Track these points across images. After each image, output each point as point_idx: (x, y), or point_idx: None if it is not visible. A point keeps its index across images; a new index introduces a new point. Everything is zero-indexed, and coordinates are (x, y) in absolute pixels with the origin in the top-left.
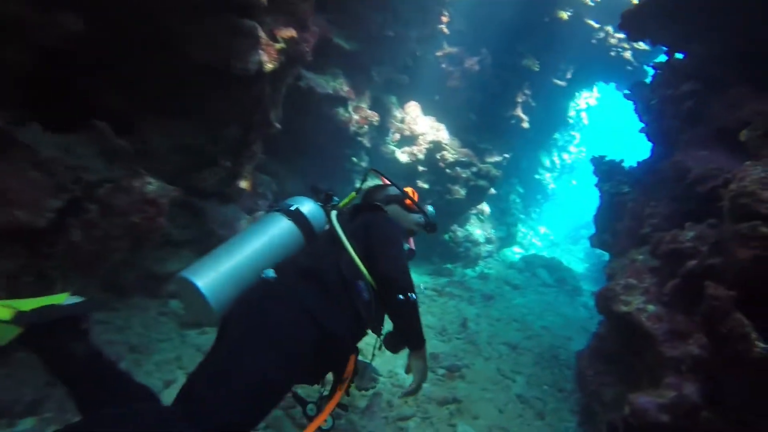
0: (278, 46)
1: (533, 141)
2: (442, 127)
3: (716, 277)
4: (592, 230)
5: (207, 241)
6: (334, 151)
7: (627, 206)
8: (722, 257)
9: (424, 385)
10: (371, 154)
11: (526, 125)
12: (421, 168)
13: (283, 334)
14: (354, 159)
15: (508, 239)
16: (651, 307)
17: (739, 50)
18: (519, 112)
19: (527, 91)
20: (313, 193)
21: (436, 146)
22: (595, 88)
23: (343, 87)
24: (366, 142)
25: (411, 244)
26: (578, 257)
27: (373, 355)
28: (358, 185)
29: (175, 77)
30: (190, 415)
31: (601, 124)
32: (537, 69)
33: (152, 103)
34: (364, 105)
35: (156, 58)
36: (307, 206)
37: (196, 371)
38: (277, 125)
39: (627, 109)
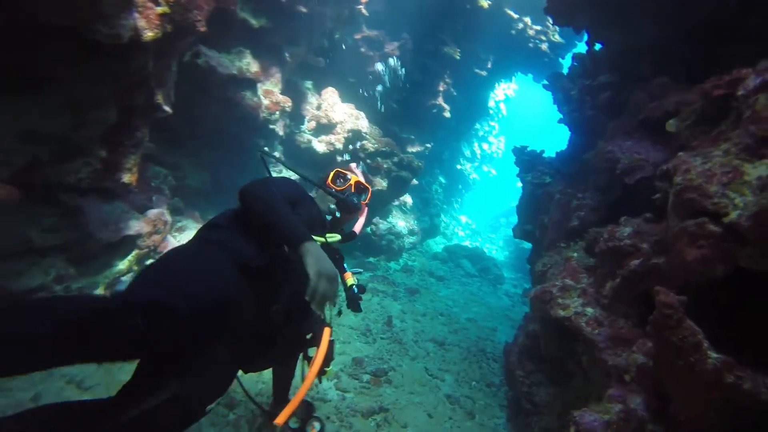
0: (160, 9)
1: (455, 131)
2: (361, 115)
3: (661, 278)
4: (511, 218)
5: (81, 245)
6: (244, 140)
7: (554, 198)
8: (667, 257)
9: (348, 396)
10: (285, 144)
11: (448, 114)
12: (339, 158)
13: (202, 261)
14: (266, 149)
15: (431, 230)
16: (590, 311)
17: (654, 41)
18: (441, 101)
19: (448, 80)
20: None
21: (356, 135)
22: (513, 79)
23: (251, 68)
24: (279, 130)
25: (357, 226)
26: (498, 245)
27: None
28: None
29: (22, 43)
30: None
31: (518, 115)
32: (458, 57)
33: None
34: (275, 89)
35: None
36: None
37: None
38: (167, 109)
39: (543, 100)
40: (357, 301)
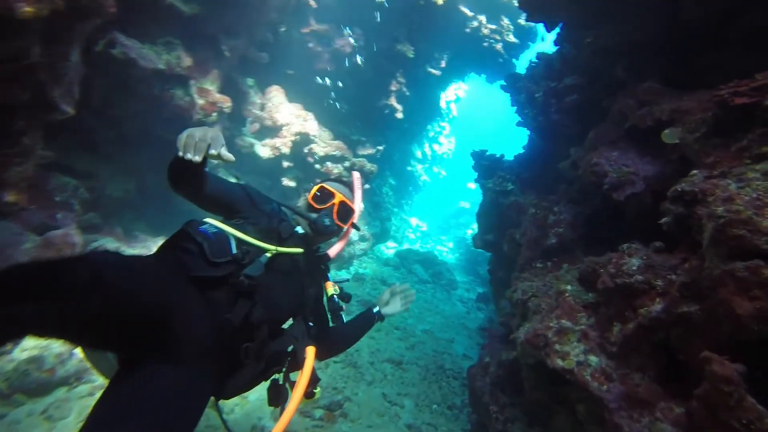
0: None
1: (407, 132)
2: (309, 116)
3: (694, 331)
4: (461, 219)
5: None
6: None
7: (529, 213)
8: (703, 305)
9: None
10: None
11: (400, 115)
12: (286, 164)
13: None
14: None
15: (382, 234)
16: (593, 360)
17: (634, 43)
18: (393, 101)
19: (401, 79)
20: None
21: (304, 139)
22: (465, 79)
23: (182, 62)
24: None
25: (333, 249)
26: (448, 247)
27: None
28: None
29: None
30: None
31: (469, 116)
32: (412, 56)
33: None
34: (211, 87)
35: None
36: None
37: None
38: (67, 108)
39: (494, 101)
40: (338, 312)
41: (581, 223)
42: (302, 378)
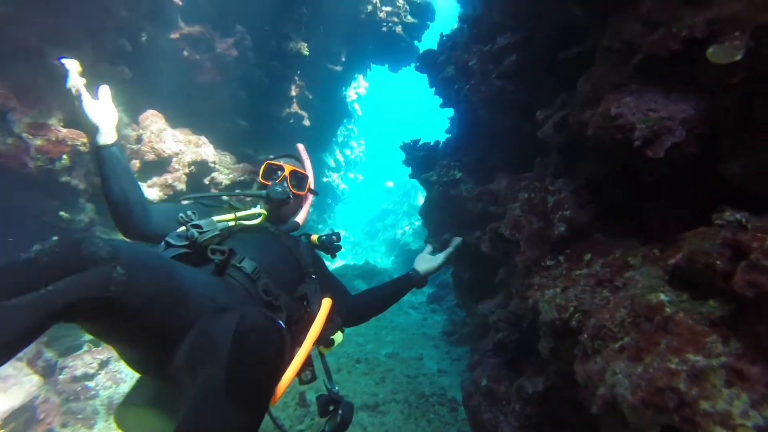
0: None
1: (317, 140)
2: (202, 140)
3: None
4: (387, 220)
5: None
6: (21, 207)
7: (520, 199)
8: None
9: None
10: (96, 200)
11: (307, 123)
12: (186, 202)
13: None
14: (63, 213)
15: None
16: None
17: None
18: (296, 108)
19: (301, 82)
20: None
21: (201, 168)
22: (360, 77)
23: None
24: (78, 181)
25: (300, 216)
26: (381, 251)
27: None
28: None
29: None
30: None
31: (374, 114)
32: (307, 53)
33: None
34: (51, 120)
35: None
36: None
37: None
38: None
39: (397, 94)
40: (334, 246)
41: (587, 198)
42: (316, 322)
